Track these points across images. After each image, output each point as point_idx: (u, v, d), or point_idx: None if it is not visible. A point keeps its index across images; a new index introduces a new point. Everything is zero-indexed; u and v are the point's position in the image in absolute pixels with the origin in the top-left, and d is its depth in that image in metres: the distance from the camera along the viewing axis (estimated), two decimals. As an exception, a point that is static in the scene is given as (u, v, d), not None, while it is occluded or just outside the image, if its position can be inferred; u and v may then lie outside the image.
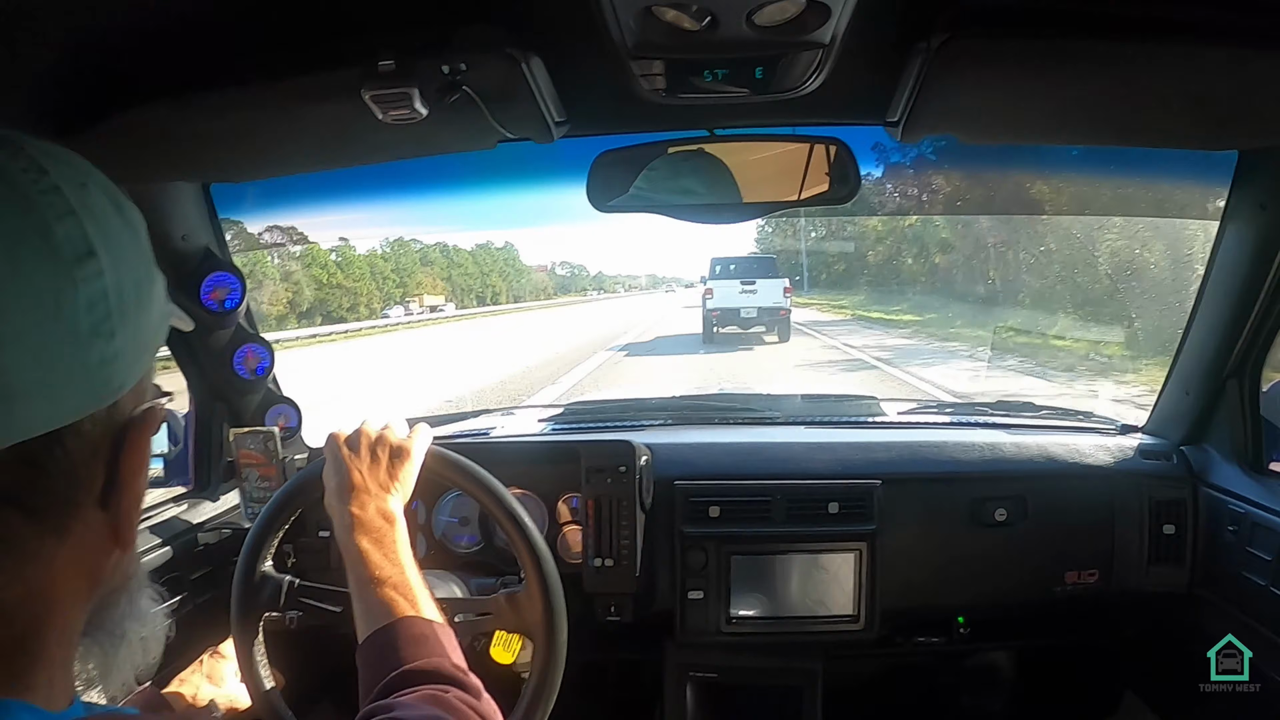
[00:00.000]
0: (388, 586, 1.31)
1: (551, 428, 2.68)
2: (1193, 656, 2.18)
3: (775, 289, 20.78)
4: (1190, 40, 1.32)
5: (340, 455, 1.50)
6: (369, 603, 1.30)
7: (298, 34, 1.42)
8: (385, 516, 1.43)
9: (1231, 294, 2.04)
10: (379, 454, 1.52)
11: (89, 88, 1.46)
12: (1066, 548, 2.27)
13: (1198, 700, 2.16)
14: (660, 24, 1.30)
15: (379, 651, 1.22)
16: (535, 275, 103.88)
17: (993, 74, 1.45)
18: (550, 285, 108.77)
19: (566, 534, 2.22)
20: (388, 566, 1.34)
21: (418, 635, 1.23)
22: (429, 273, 68.91)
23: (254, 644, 1.62)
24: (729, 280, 21.04)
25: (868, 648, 2.31)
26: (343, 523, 1.41)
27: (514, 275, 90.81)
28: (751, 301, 20.50)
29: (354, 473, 1.47)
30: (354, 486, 1.45)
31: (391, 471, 1.51)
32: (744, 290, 20.60)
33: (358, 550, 1.36)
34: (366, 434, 1.55)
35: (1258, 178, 1.92)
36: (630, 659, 2.53)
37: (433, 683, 1.10)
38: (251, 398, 2.39)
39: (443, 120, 1.52)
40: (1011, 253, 21.75)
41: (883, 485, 2.20)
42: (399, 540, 1.41)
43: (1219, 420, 2.23)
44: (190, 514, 2.21)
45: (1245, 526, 2.04)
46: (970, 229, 23.42)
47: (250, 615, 1.63)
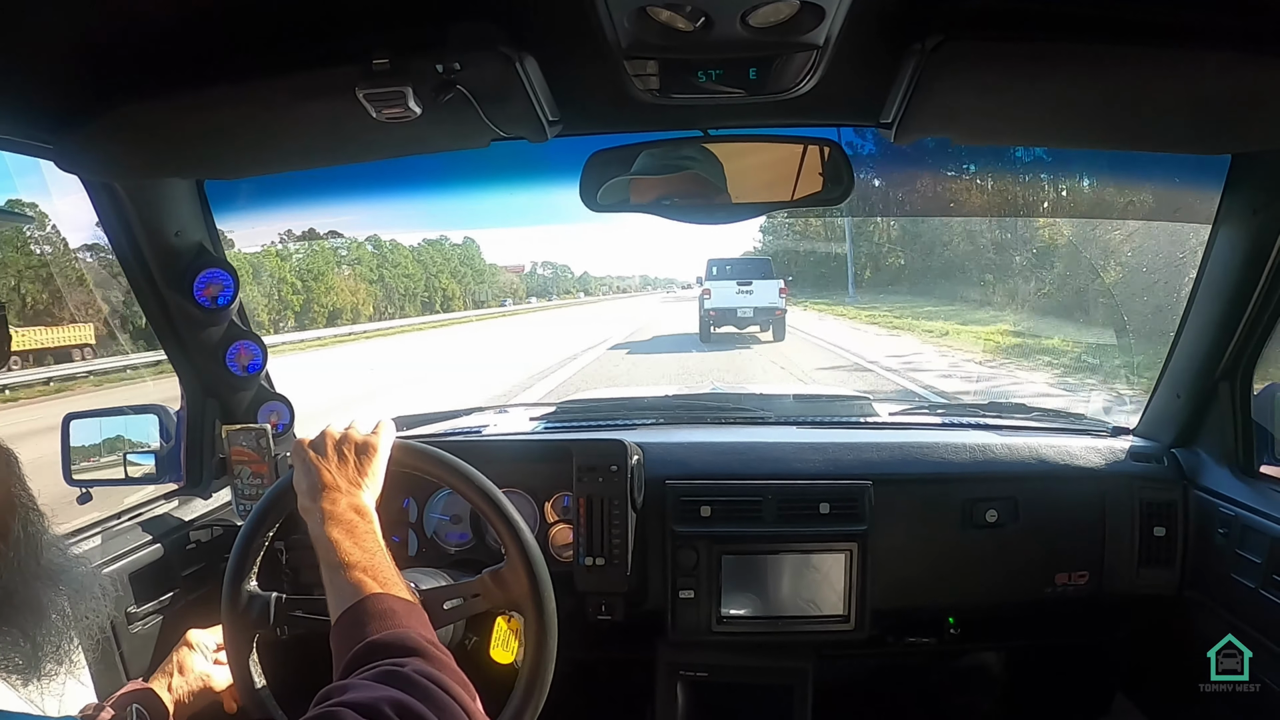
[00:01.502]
0: (357, 570, 1.32)
1: (543, 426, 2.68)
2: (1183, 658, 2.18)
3: (771, 289, 21.05)
4: (1184, 45, 1.33)
5: (308, 459, 1.52)
6: (339, 586, 1.31)
7: (292, 32, 1.42)
8: (357, 510, 1.45)
9: (1223, 297, 2.05)
10: (345, 452, 1.54)
11: (83, 85, 1.46)
12: (1057, 549, 2.27)
13: (1188, 701, 2.16)
14: (654, 24, 1.30)
15: (347, 629, 1.23)
16: (505, 276, 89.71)
17: (986, 76, 1.45)
18: (522, 287, 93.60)
19: (557, 533, 2.24)
20: (357, 553, 1.36)
21: (384, 610, 1.25)
22: (348, 275, 56.21)
23: (249, 662, 1.62)
24: (726, 281, 21.29)
25: (858, 648, 2.31)
26: (315, 519, 1.43)
27: (471, 276, 75.49)
28: (748, 302, 20.77)
29: (323, 473, 1.49)
30: (325, 485, 1.47)
31: (360, 467, 1.53)
32: (740, 291, 20.86)
33: (329, 540, 1.38)
34: (331, 435, 1.57)
35: (1250, 181, 1.92)
36: (621, 658, 2.53)
37: (395, 654, 1.11)
38: (244, 394, 2.38)
39: (436, 119, 1.52)
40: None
41: (874, 486, 2.21)
42: (371, 531, 1.43)
43: (1210, 423, 2.23)
44: (182, 511, 2.22)
45: (1236, 529, 2.05)
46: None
47: (242, 636, 1.63)
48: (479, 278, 77.77)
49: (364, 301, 56.66)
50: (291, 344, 31.62)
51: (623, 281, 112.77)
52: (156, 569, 2.01)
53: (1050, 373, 14.17)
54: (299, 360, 25.74)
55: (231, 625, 1.63)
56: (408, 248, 63.83)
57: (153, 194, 2.03)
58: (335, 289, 53.46)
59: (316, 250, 50.46)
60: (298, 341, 33.61)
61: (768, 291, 20.98)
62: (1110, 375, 12.22)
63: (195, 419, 2.34)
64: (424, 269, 65.87)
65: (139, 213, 2.01)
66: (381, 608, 1.25)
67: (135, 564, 1.97)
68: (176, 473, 2.32)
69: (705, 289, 21.48)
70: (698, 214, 1.95)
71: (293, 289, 48.41)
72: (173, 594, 2.03)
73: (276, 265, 46.22)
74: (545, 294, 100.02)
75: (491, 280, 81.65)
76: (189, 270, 2.16)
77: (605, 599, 2.19)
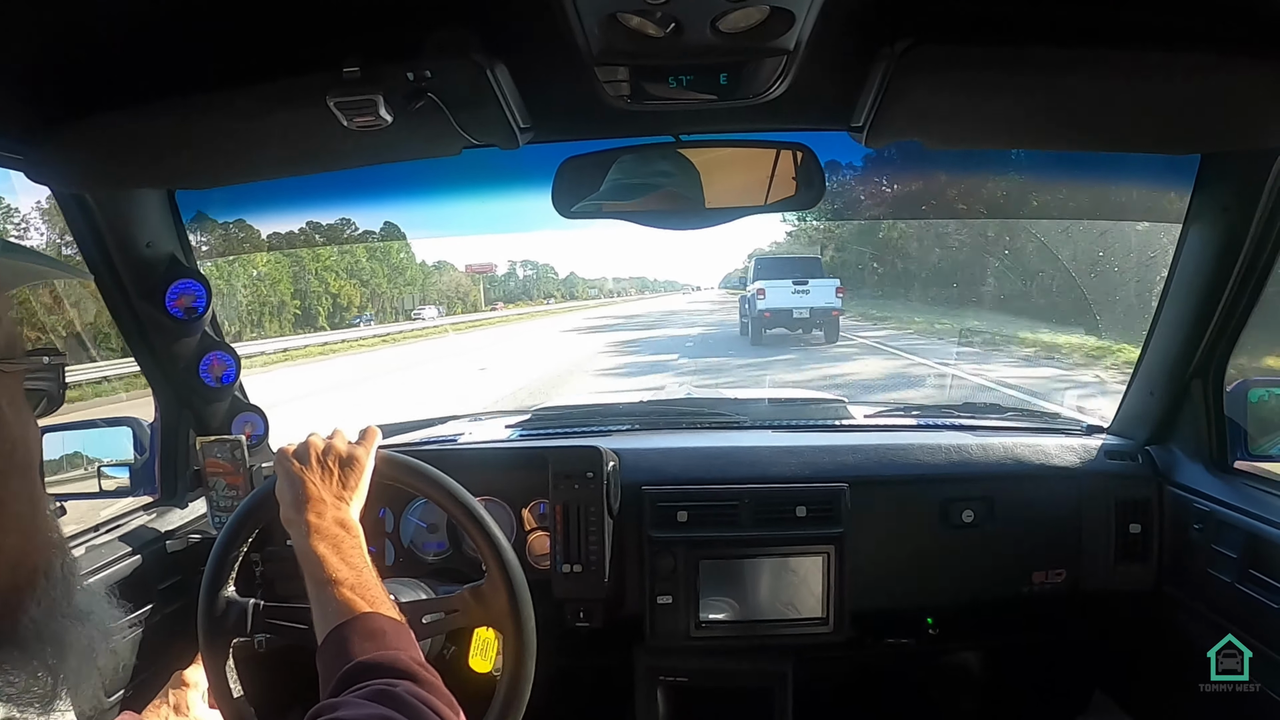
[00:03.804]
0: (345, 587, 1.31)
1: (519, 434, 2.68)
2: (1161, 653, 2.20)
3: (828, 289, 19.60)
4: (1153, 47, 1.34)
5: (291, 470, 1.50)
6: (326, 604, 1.30)
7: (263, 40, 1.42)
8: (343, 525, 1.43)
9: (1195, 295, 2.06)
10: (329, 464, 1.52)
11: (52, 95, 1.45)
12: (1034, 548, 2.28)
13: (1165, 695, 2.18)
14: (625, 31, 1.31)
15: (336, 648, 1.22)
16: (452, 276, 62.41)
17: (956, 79, 1.46)
18: (476, 291, 64.52)
19: (534, 540, 2.23)
20: (345, 569, 1.34)
21: (375, 630, 1.24)
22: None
23: (225, 669, 1.61)
24: (780, 281, 19.68)
25: (837, 649, 2.31)
26: (300, 531, 1.41)
27: (384, 277, 50.57)
28: (804, 302, 19.36)
29: (308, 485, 1.47)
30: (309, 498, 1.45)
31: (344, 481, 1.51)
32: (797, 290, 19.41)
33: (315, 555, 1.36)
34: (315, 445, 1.55)
35: (1220, 180, 1.94)
36: (600, 664, 2.53)
37: (386, 676, 1.10)
38: (218, 405, 2.37)
39: (408, 127, 1.52)
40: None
41: (850, 488, 2.21)
42: (357, 546, 1.41)
43: (1183, 420, 2.25)
44: (158, 523, 2.20)
45: (1211, 524, 2.06)
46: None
47: (218, 642, 1.62)
48: (398, 279, 53.10)
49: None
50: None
51: (616, 284, 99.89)
52: (133, 583, 1.99)
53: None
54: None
55: (208, 632, 1.62)
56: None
57: (124, 205, 2.03)
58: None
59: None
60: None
61: (824, 291, 19.54)
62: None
63: (169, 431, 2.33)
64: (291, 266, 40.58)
65: (110, 224, 2.00)
66: (371, 627, 1.24)
67: (111, 578, 1.95)
68: (151, 485, 2.31)
69: (759, 288, 19.80)
70: (670, 219, 1.95)
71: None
72: (150, 607, 2.02)
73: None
74: (524, 297, 79.91)
75: (430, 285, 58.03)
76: (161, 281, 2.15)
77: (583, 606, 2.19)
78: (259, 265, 37.01)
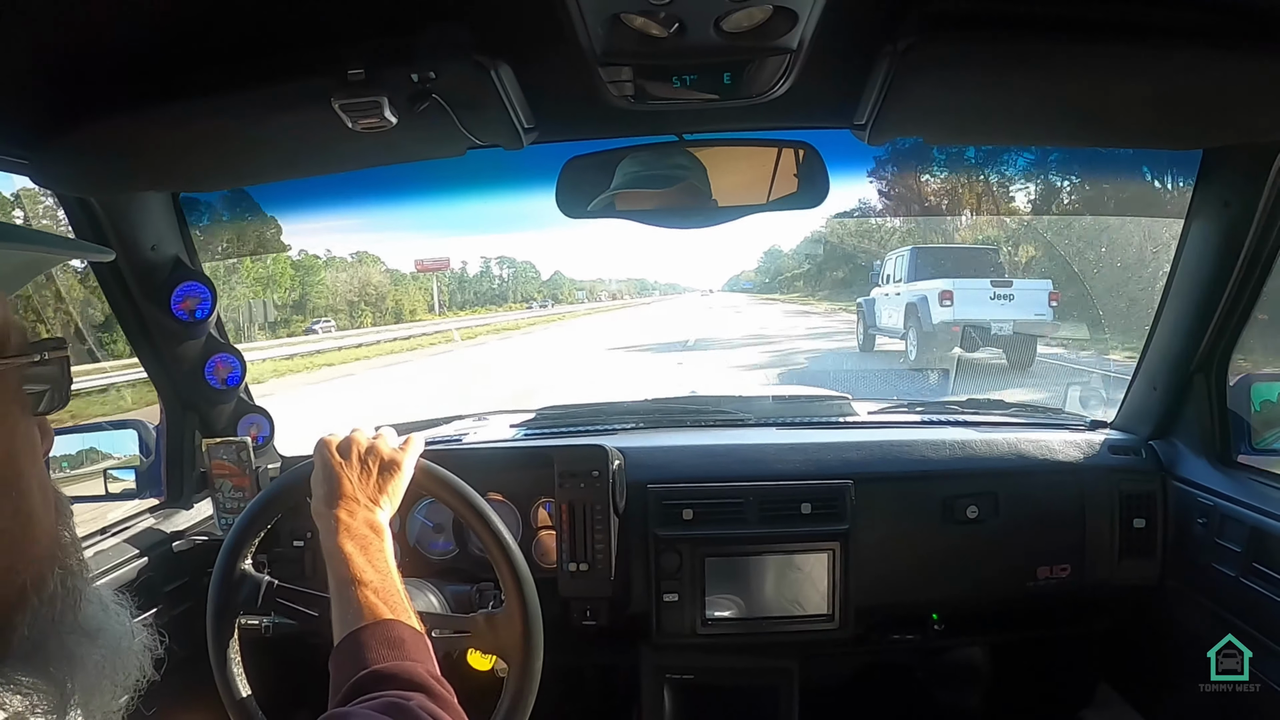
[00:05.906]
0: (369, 590, 1.29)
1: (524, 433, 2.68)
2: (1165, 647, 2.21)
3: (1037, 295, 12.93)
4: (1155, 42, 1.34)
5: (330, 462, 1.48)
6: (348, 604, 1.28)
7: (267, 43, 1.42)
8: (373, 528, 1.41)
9: (1197, 289, 2.07)
10: (369, 465, 1.50)
11: (58, 100, 1.45)
12: (1038, 543, 2.29)
13: (1170, 688, 2.18)
14: (628, 31, 1.31)
15: (352, 653, 1.20)
16: (363, 272, 36.67)
17: (959, 76, 1.47)
18: (421, 299, 41.81)
19: (541, 539, 2.23)
20: (370, 571, 1.33)
21: (394, 638, 1.22)
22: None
23: (229, 644, 1.59)
24: (971, 280, 13.28)
25: (843, 646, 2.31)
26: (329, 527, 1.39)
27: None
28: (1005, 313, 12.66)
29: (344, 481, 1.45)
30: (343, 495, 1.43)
31: (381, 484, 1.49)
32: (997, 295, 12.85)
33: (342, 554, 1.34)
34: (358, 443, 1.52)
35: (1222, 175, 1.94)
36: (606, 662, 2.53)
37: (401, 687, 1.09)
38: (223, 408, 2.37)
39: (412, 128, 1.52)
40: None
41: (855, 485, 2.22)
42: (384, 551, 1.39)
43: (1187, 414, 2.25)
44: (164, 525, 2.20)
45: (1214, 519, 2.06)
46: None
47: (227, 613, 1.60)
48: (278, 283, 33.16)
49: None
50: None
51: (611, 286, 73.36)
52: (139, 586, 1.99)
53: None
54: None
55: (218, 603, 1.61)
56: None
57: (129, 208, 2.03)
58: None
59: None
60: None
61: (1033, 297, 12.86)
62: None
63: (175, 433, 2.33)
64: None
65: (115, 227, 2.00)
66: (391, 635, 1.22)
67: (117, 581, 1.95)
68: (157, 487, 2.31)
69: (945, 292, 13.00)
70: (678, 218, 1.95)
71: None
72: (155, 610, 2.02)
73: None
74: (499, 301, 54.28)
75: (333, 290, 36.56)
76: (166, 284, 2.15)
77: (590, 604, 2.20)
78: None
